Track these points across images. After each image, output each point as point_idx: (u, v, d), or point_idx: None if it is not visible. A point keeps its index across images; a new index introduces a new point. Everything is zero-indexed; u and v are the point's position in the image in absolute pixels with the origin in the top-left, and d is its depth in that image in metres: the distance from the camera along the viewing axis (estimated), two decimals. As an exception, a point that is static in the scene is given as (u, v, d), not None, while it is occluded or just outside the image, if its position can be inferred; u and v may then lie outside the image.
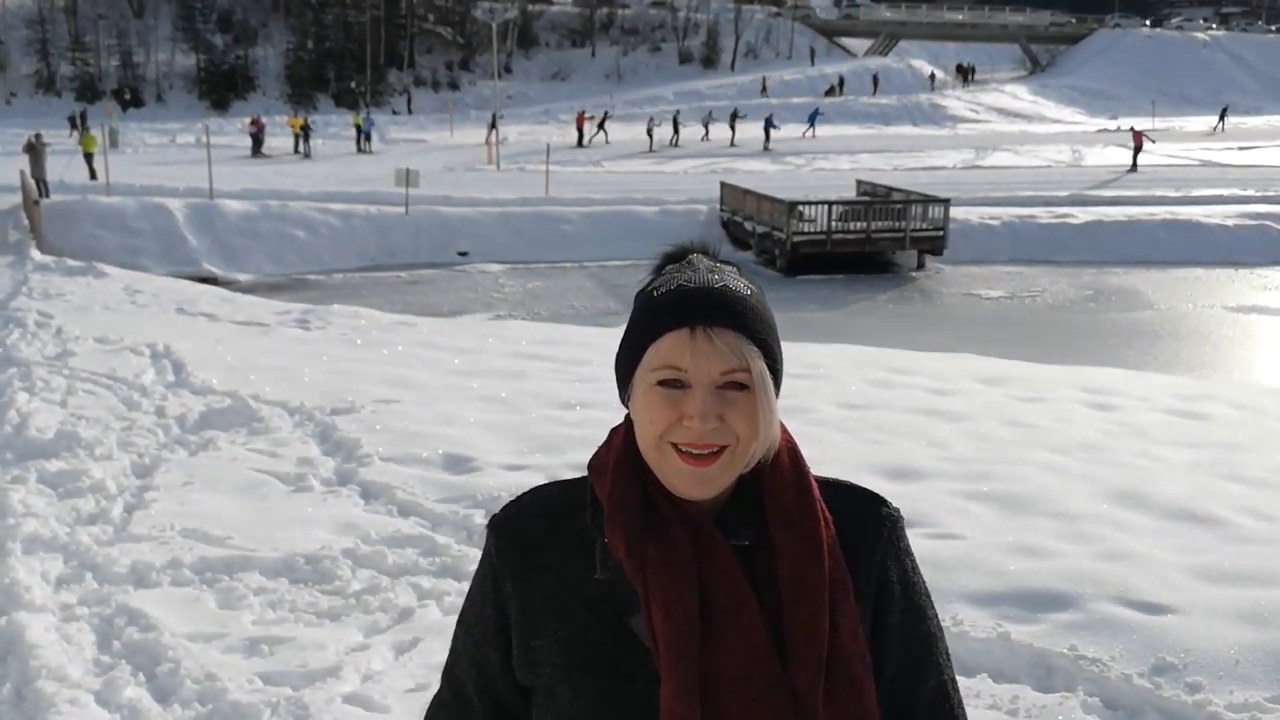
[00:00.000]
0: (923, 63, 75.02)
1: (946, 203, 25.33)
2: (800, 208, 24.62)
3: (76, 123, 42.64)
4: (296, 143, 40.15)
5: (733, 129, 46.02)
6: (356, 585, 5.25)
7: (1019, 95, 68.40)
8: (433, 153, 40.51)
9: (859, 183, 30.17)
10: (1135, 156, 36.72)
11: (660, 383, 1.29)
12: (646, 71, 71.57)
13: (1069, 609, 4.81)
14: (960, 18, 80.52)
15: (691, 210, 27.56)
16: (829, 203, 25.28)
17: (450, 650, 1.47)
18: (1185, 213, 28.06)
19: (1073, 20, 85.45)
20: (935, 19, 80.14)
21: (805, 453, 1.41)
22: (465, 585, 2.66)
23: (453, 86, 67.92)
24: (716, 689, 1.28)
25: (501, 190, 29.40)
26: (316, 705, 4.10)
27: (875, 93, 65.96)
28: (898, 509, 1.44)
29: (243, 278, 22.83)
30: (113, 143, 33.00)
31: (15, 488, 6.42)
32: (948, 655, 1.44)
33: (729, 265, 1.39)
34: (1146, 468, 7.34)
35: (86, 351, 10.71)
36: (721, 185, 28.21)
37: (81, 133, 33.02)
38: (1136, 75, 72.81)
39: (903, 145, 46.63)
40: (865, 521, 1.40)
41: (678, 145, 43.70)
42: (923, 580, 1.43)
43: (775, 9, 79.52)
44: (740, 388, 1.29)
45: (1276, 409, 10.13)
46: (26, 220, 23.61)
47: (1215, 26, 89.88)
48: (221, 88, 63.48)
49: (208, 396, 8.80)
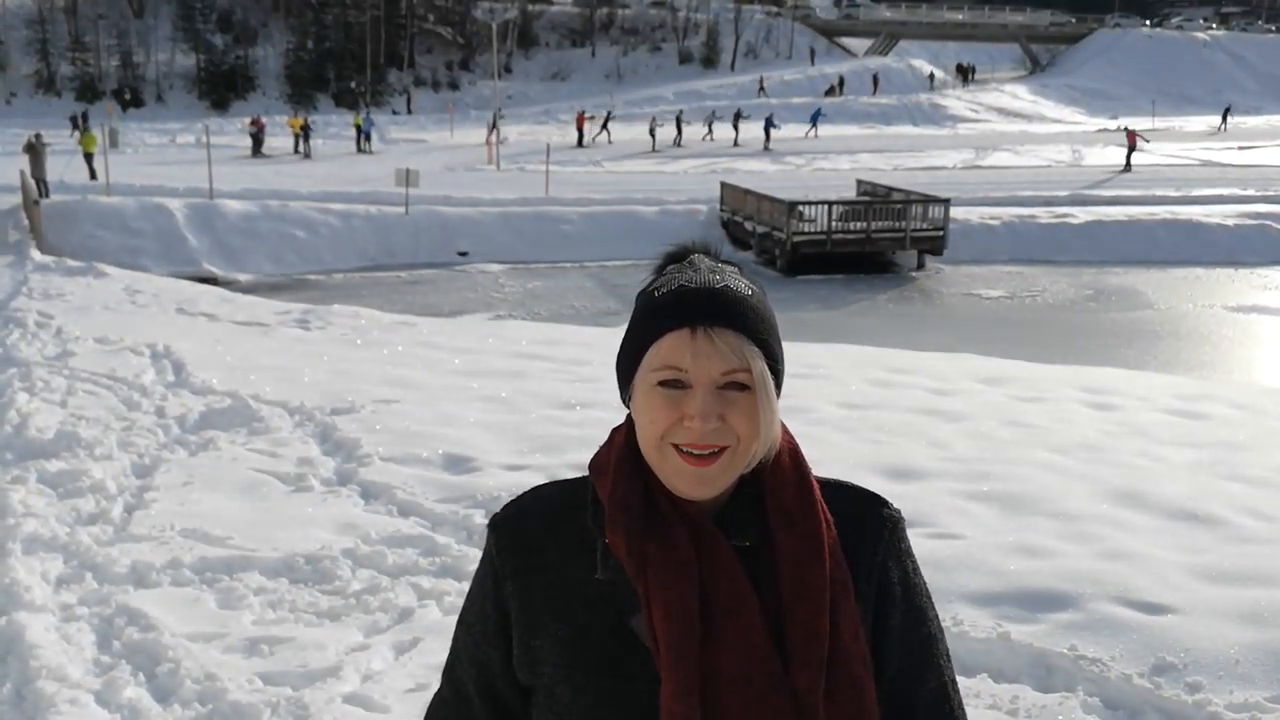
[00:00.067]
0: (923, 62, 75.03)
1: (946, 203, 25.32)
2: (800, 208, 24.61)
3: (78, 123, 42.61)
4: (296, 143, 40.13)
5: (736, 129, 46.09)
6: (356, 585, 5.25)
7: (1019, 95, 68.42)
8: (433, 153, 40.50)
9: (859, 183, 30.16)
10: (1129, 156, 36.74)
11: (661, 383, 1.29)
12: (646, 71, 71.56)
13: (1069, 609, 4.82)
14: (960, 17, 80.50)
15: (691, 210, 27.55)
16: (829, 203, 25.27)
17: (451, 649, 1.48)
18: (1185, 212, 28.06)
19: (1073, 20, 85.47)
20: (935, 19, 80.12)
21: (805, 453, 1.40)
22: (465, 585, 2.66)
23: (453, 86, 67.91)
24: (717, 689, 1.28)
25: (501, 190, 29.39)
26: (316, 705, 4.10)
27: (875, 93, 65.97)
28: (899, 510, 1.44)
29: (243, 278, 22.82)
30: (113, 143, 32.98)
31: (15, 488, 6.42)
32: (948, 656, 1.44)
33: (730, 265, 1.38)
34: (1146, 468, 7.34)
35: (86, 352, 10.71)
36: (721, 185, 28.20)
37: (83, 133, 32.99)
38: (1136, 75, 72.85)
39: (903, 145, 46.63)
40: (866, 522, 1.40)
41: (681, 145, 43.74)
42: (923, 581, 1.43)
43: (775, 9, 79.50)
44: (741, 388, 1.29)
45: (1276, 409, 10.13)
46: (26, 220, 23.58)
47: (1215, 26, 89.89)
48: (221, 88, 63.47)
49: (208, 396, 8.80)
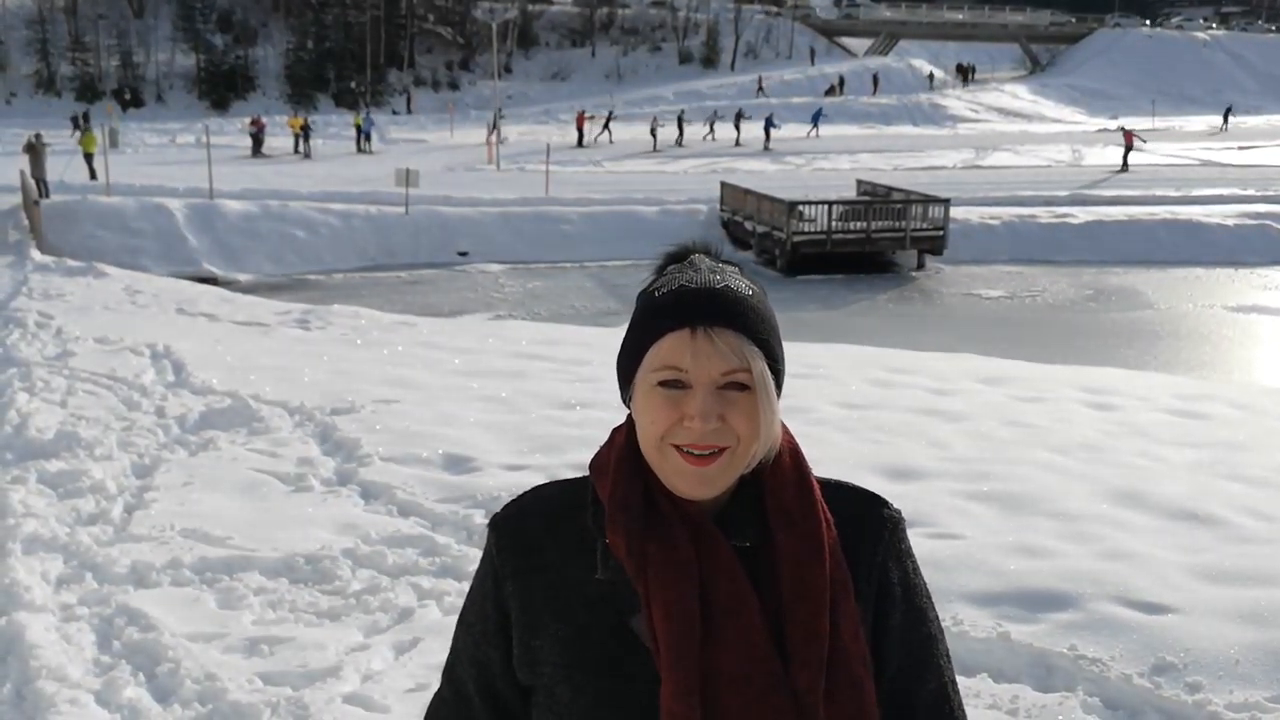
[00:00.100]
0: (923, 62, 75.00)
1: (946, 202, 25.32)
2: (800, 208, 24.60)
3: (79, 123, 42.62)
4: (296, 143, 40.12)
5: (737, 129, 46.14)
6: (356, 585, 5.25)
7: (1019, 95, 68.39)
8: (433, 153, 40.49)
9: (859, 182, 30.14)
10: (1125, 156, 36.73)
11: (661, 383, 1.29)
12: (646, 71, 71.55)
13: (1069, 609, 4.82)
14: (960, 17, 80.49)
15: (692, 210, 27.54)
16: (829, 203, 25.26)
17: (451, 649, 1.48)
18: (1185, 212, 28.05)
19: (1073, 20, 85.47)
20: (935, 18, 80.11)
21: (805, 453, 1.40)
22: (465, 585, 2.66)
23: (453, 86, 67.90)
24: (717, 689, 1.28)
25: (501, 190, 29.38)
26: (316, 705, 4.10)
27: (875, 92, 65.95)
28: (899, 511, 1.43)
29: (243, 278, 22.82)
30: (113, 143, 32.97)
31: (15, 488, 6.42)
32: (948, 657, 1.44)
33: (731, 265, 1.38)
34: (1147, 468, 7.34)
35: (86, 352, 10.71)
36: (722, 185, 28.19)
37: (83, 133, 32.99)
38: (1136, 75, 72.83)
39: (903, 145, 46.64)
40: (866, 523, 1.40)
41: (682, 145, 43.75)
42: (924, 582, 1.43)
43: (775, 9, 79.46)
44: (741, 388, 1.28)
45: (1276, 409, 10.13)
46: (26, 220, 23.57)
47: (1215, 26, 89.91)
48: (221, 88, 63.45)
49: (208, 396, 8.80)
